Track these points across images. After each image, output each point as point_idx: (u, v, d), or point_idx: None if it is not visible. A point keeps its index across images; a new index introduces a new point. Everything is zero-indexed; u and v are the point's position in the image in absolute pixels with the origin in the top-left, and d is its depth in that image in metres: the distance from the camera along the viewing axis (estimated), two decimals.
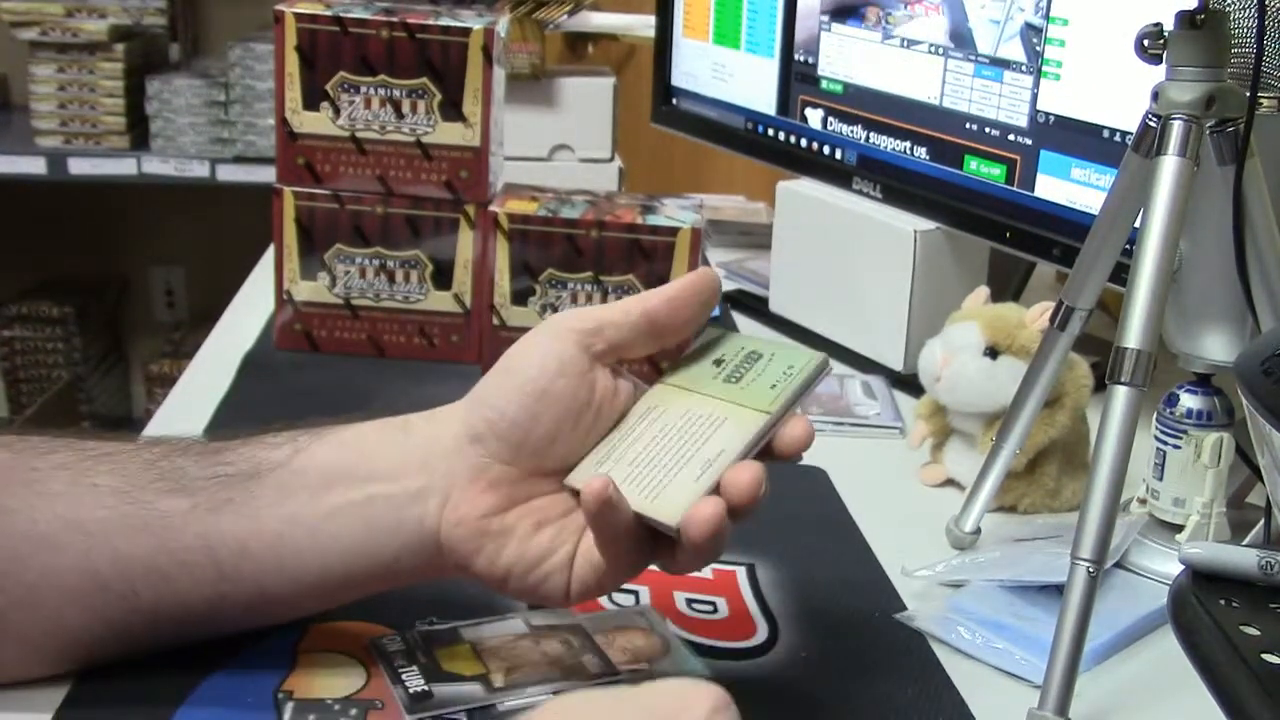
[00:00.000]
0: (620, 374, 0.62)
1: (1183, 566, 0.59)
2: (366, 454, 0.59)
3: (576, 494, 0.59)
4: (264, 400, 0.98)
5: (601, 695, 0.45)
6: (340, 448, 0.60)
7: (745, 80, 1.25)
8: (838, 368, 1.10)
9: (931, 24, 1.03)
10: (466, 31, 1.00)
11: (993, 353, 0.85)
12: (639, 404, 0.61)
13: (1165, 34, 0.69)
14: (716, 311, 1.21)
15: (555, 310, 1.01)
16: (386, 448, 0.60)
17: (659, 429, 0.59)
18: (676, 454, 0.58)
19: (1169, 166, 0.66)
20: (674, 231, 0.99)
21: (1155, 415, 0.78)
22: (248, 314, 1.15)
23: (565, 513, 0.59)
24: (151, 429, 0.93)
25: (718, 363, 0.62)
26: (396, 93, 1.01)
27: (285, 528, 0.58)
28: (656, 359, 0.61)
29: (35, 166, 2.50)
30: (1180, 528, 0.77)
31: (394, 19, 1.00)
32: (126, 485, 0.58)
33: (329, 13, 1.00)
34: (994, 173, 1.00)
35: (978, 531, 0.80)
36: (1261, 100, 0.68)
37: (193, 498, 0.57)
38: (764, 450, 0.59)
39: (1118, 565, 0.77)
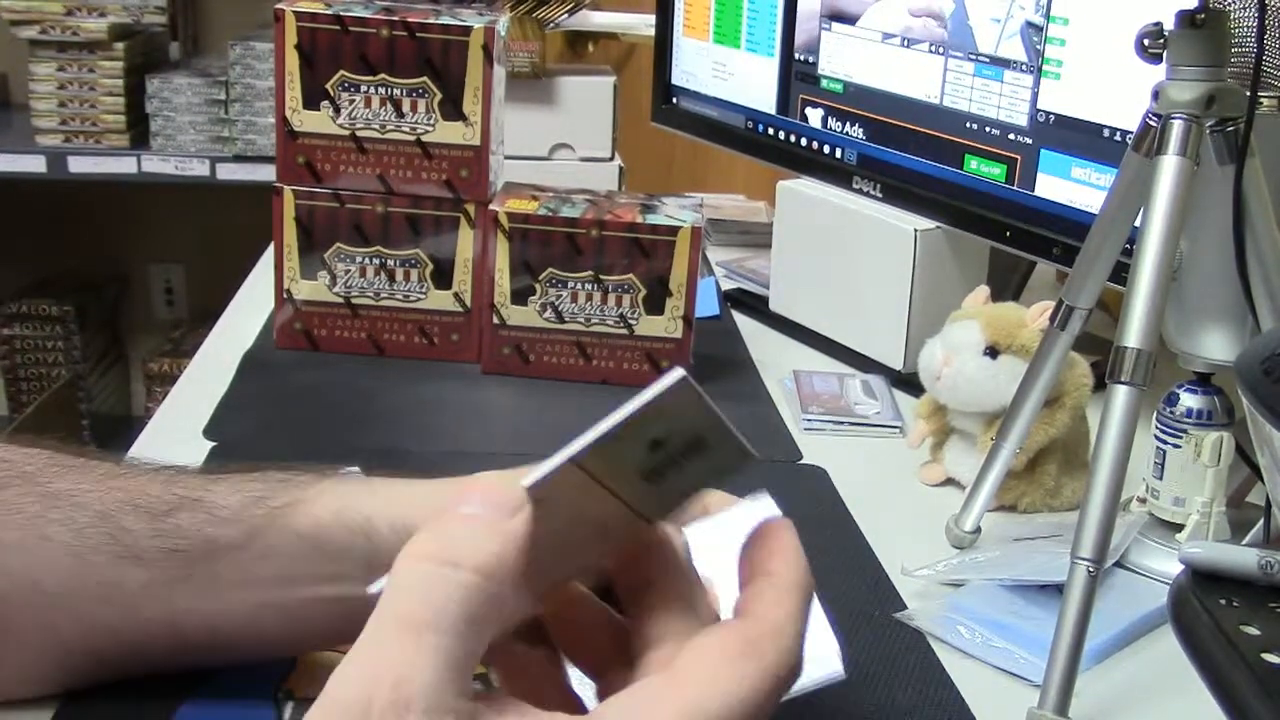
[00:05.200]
0: None
1: (1183, 566, 0.58)
2: (331, 555, 0.56)
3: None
4: (264, 399, 0.98)
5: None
6: (299, 541, 0.56)
7: (745, 79, 1.25)
8: (839, 367, 1.10)
9: (931, 23, 1.03)
10: (467, 30, 1.00)
11: (993, 352, 0.85)
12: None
13: (1165, 33, 0.69)
14: (717, 311, 1.21)
15: (556, 310, 1.01)
16: (354, 553, 0.55)
17: None
18: None
19: (1169, 166, 0.66)
20: (674, 230, 0.99)
21: (1155, 414, 0.78)
22: (248, 313, 1.15)
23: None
24: (151, 428, 0.94)
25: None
26: (397, 91, 1.01)
27: (257, 611, 0.56)
28: None
29: (35, 165, 2.49)
30: (1180, 527, 0.77)
31: (394, 18, 1.00)
32: (78, 544, 0.54)
33: (329, 11, 1.00)
34: (994, 172, 1.00)
35: (977, 531, 0.80)
36: (1261, 99, 0.68)
37: (148, 570, 0.55)
38: None
39: (1118, 564, 0.77)
